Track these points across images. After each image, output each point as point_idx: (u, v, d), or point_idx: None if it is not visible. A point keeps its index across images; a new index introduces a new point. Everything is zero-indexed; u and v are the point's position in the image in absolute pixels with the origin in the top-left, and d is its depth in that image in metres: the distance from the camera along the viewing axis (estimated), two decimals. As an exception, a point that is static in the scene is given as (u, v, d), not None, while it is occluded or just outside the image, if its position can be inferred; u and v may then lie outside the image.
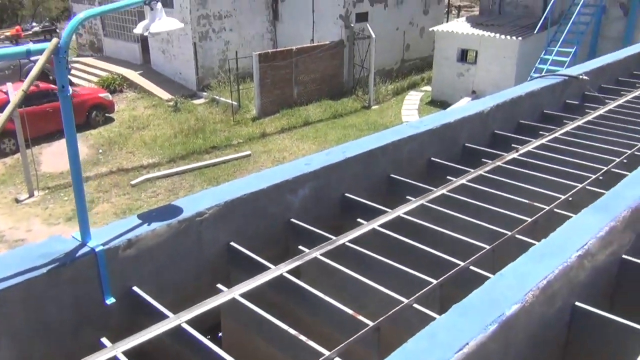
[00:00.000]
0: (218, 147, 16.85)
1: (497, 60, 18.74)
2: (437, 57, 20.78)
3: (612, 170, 4.80)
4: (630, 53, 8.57)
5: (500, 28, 19.17)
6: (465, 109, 5.67)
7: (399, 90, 22.15)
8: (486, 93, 18.20)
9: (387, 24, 23.00)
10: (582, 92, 7.11)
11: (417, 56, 24.78)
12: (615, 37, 18.23)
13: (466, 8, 32.49)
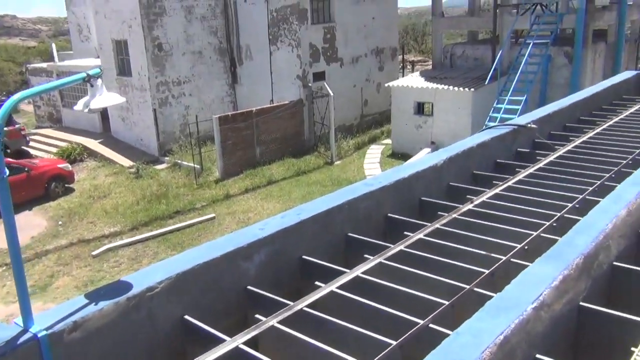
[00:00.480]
0: (182, 212, 16.65)
1: (453, 111, 19.26)
2: (394, 111, 21.26)
3: (565, 216, 4.87)
4: (575, 99, 8.90)
5: (453, 80, 19.80)
6: (419, 164, 5.74)
7: (360, 144, 22.47)
8: (445, 143, 18.61)
9: (344, 82, 23.56)
10: (532, 140, 7.31)
11: (376, 111, 25.32)
12: (562, 84, 19.00)
13: (420, 62, 33.59)
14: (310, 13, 22.03)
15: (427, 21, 39.64)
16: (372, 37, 25.02)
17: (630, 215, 4.39)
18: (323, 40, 22.82)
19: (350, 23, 23.77)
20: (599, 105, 9.38)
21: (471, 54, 22.03)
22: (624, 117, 8.48)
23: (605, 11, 19.93)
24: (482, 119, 17.77)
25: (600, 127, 7.92)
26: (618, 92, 10.18)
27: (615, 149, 6.76)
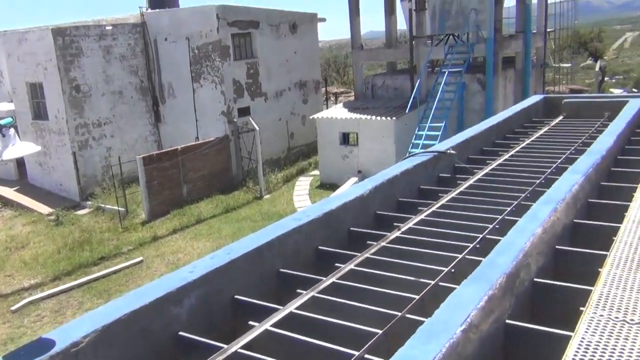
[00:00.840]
0: (107, 257, 16.04)
1: (377, 140, 19.75)
2: (321, 142, 21.56)
3: (486, 237, 5.06)
4: (490, 124, 9.35)
5: (376, 110, 20.37)
6: (346, 194, 5.82)
7: (289, 177, 22.58)
8: (371, 171, 19.00)
9: (269, 116, 23.73)
10: (452, 165, 7.59)
11: (303, 143, 25.58)
12: (477, 109, 19.95)
13: (343, 94, 34.34)
14: (232, 49, 22.16)
15: (347, 53, 40.71)
16: (295, 71, 25.42)
17: (545, 233, 4.62)
18: (246, 76, 22.96)
19: (272, 58, 24.08)
20: (512, 129, 9.88)
21: (391, 84, 22.78)
22: (535, 139, 8.97)
23: (512, 40, 21.20)
24: (405, 146, 18.32)
25: (514, 150, 8.34)
26: (528, 115, 10.78)
27: (529, 170, 7.12)
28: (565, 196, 5.24)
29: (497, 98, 20.11)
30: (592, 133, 8.69)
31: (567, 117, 10.47)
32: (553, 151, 7.97)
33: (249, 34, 23.19)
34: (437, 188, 6.84)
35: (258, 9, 23.97)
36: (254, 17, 23.25)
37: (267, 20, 23.92)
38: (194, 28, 22.02)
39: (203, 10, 21.91)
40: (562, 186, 5.54)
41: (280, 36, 24.62)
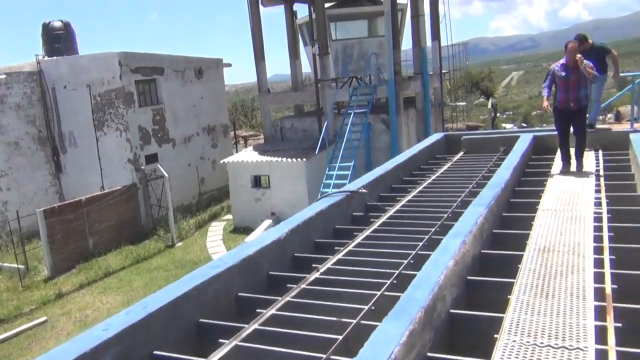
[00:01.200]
0: (7, 320, 14.88)
1: (289, 181, 19.90)
2: (232, 186, 21.40)
3: (402, 273, 5.21)
4: (397, 162, 9.72)
5: (286, 152, 20.58)
6: (263, 239, 5.81)
7: (201, 223, 22.16)
8: (284, 213, 19.09)
9: (178, 162, 23.35)
10: (364, 203, 7.79)
11: (214, 187, 25.29)
12: (384, 148, 20.66)
13: (252, 137, 34.45)
14: (136, 96, 21.74)
15: (254, 97, 41.06)
16: (203, 115, 25.30)
17: (457, 265, 4.83)
18: (153, 122, 22.55)
19: (179, 103, 23.85)
20: (417, 166, 10.32)
21: (299, 126, 23.16)
22: (440, 174, 9.42)
23: (411, 81, 22.30)
24: (317, 187, 18.59)
25: (421, 185, 8.70)
26: (432, 152, 11.32)
27: (437, 204, 7.45)
28: (472, 228, 5.52)
29: (401, 136, 20.95)
30: (490, 167, 9.26)
31: (467, 152, 11.10)
32: (457, 185, 8.40)
33: (153, 80, 22.88)
34: (351, 227, 6.98)
35: (162, 55, 23.76)
36: (157, 64, 23.01)
37: (171, 66, 23.74)
38: (95, 75, 21.44)
39: (104, 57, 21.42)
40: (468, 219, 5.84)
41: (186, 82, 24.49)
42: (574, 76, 8.31)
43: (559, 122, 8.73)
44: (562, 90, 8.45)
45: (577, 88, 8.39)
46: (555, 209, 6.69)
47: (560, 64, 8.50)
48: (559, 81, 8.46)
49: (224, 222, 22.21)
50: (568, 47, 8.42)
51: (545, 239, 5.60)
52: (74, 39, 25.14)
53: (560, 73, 8.44)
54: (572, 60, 8.30)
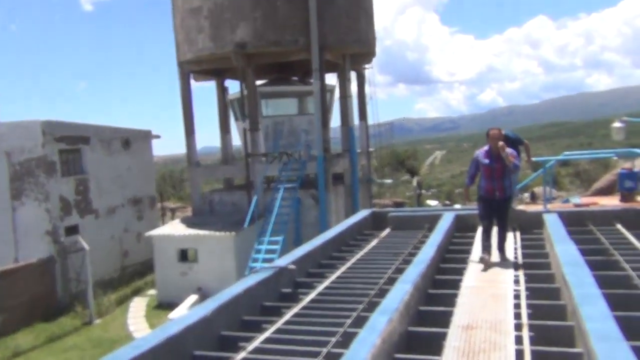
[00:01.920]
0: None
1: (217, 255, 19.55)
2: (157, 260, 20.76)
3: (331, 351, 5.18)
4: (326, 238, 9.82)
5: (215, 226, 20.32)
6: (187, 317, 5.65)
7: (123, 298, 21.18)
8: (211, 288, 18.60)
9: (101, 234, 22.54)
10: (293, 280, 7.77)
11: (138, 261, 24.43)
12: (313, 223, 20.82)
13: (180, 209, 33.82)
14: (59, 165, 21.08)
15: (183, 168, 40.69)
16: (129, 186, 24.76)
17: (384, 343, 4.87)
18: (75, 193, 21.83)
19: (104, 174, 23.30)
20: (346, 242, 10.46)
21: (229, 200, 23.05)
22: (367, 251, 9.58)
23: (340, 158, 22.91)
24: (246, 261, 18.35)
25: (349, 262, 8.79)
26: (359, 228, 11.53)
27: (364, 281, 7.53)
28: (398, 305, 5.61)
29: (331, 211, 21.24)
30: (416, 244, 9.52)
31: (393, 229, 11.39)
32: (384, 262, 8.55)
33: (78, 150, 22.34)
34: (279, 304, 6.91)
35: (88, 124, 23.37)
36: (83, 133, 22.57)
37: (98, 136, 23.33)
38: (15, 143, 20.70)
39: (26, 125, 20.80)
40: (395, 296, 5.94)
41: (113, 152, 24.06)
42: (498, 164, 8.05)
43: (484, 211, 8.38)
44: (487, 179, 8.17)
45: (502, 177, 8.13)
46: (477, 286, 6.93)
47: (484, 151, 8.23)
48: (483, 169, 8.18)
49: (148, 297, 21.34)
50: (490, 134, 8.16)
51: (468, 316, 5.77)
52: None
53: (484, 161, 8.16)
54: (495, 147, 8.05)
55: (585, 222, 10.34)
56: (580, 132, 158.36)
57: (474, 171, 8.43)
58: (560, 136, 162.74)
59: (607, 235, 9.33)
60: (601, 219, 10.41)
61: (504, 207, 8.38)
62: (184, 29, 21.68)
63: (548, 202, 12.24)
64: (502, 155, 8.00)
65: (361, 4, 22.37)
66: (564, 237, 8.31)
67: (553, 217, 10.00)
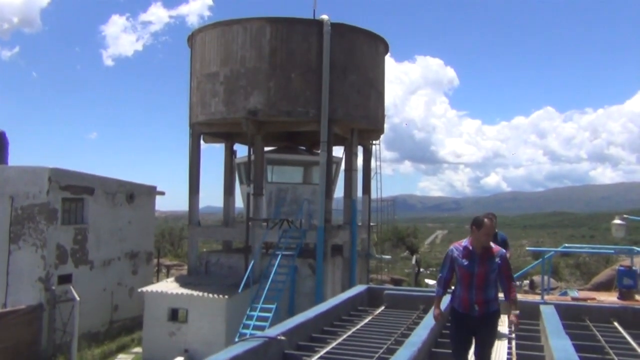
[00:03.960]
0: None
1: (207, 318, 19.22)
2: (147, 317, 20.40)
3: None
4: (319, 311, 9.72)
5: (208, 287, 20.10)
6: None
7: (107, 354, 20.70)
8: (199, 351, 18.19)
9: (93, 285, 22.32)
10: (282, 351, 7.64)
11: (127, 316, 24.01)
12: (308, 293, 20.58)
13: (175, 267, 33.60)
14: (60, 213, 21.16)
15: (183, 226, 40.66)
16: (127, 240, 24.70)
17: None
18: (73, 242, 21.79)
19: (104, 225, 23.32)
20: (339, 316, 10.33)
21: (225, 262, 22.90)
22: (360, 328, 9.46)
23: (340, 230, 22.91)
24: (237, 326, 18.02)
25: (341, 337, 8.67)
26: (354, 303, 11.41)
27: (354, 359, 7.41)
28: (386, 389, 5.50)
29: (327, 283, 21.03)
30: (409, 324, 9.40)
31: (388, 307, 11.27)
32: (376, 341, 8.42)
33: (81, 200, 22.47)
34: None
35: (94, 176, 23.59)
36: (89, 184, 22.77)
37: (103, 188, 23.52)
38: (20, 187, 20.88)
39: (34, 171, 21.05)
40: (384, 378, 5.83)
41: (116, 205, 24.18)
42: (482, 268, 6.03)
43: (457, 334, 6.45)
44: (464, 287, 6.14)
45: (485, 286, 6.08)
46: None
47: (463, 247, 6.18)
48: (460, 272, 6.15)
49: (132, 355, 20.83)
50: (484, 223, 6.03)
51: (456, 405, 5.63)
52: (6, 149, 24.71)
53: (461, 261, 6.12)
54: (482, 243, 6.08)
55: (582, 317, 10.23)
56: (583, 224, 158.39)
57: (449, 275, 6.34)
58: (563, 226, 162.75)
59: (603, 332, 9.21)
60: (598, 315, 10.31)
61: (486, 328, 6.20)
62: (199, 92, 22.27)
63: (546, 292, 12.15)
64: (491, 259, 6.04)
65: (373, 82, 23.02)
66: (560, 331, 8.22)
67: (550, 309, 9.91)
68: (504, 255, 6.18)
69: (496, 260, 6.08)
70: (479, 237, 6.06)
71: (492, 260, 6.06)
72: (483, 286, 6.07)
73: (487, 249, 6.10)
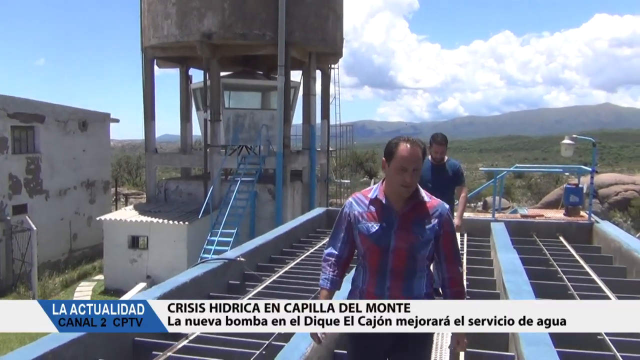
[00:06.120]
0: None
1: (168, 244, 19.34)
2: (107, 246, 20.39)
3: (273, 344, 5.25)
4: (278, 233, 9.89)
5: (168, 214, 20.09)
6: (132, 302, 5.64)
7: (69, 282, 20.72)
8: (161, 277, 18.37)
9: (50, 215, 22.00)
10: (242, 272, 7.81)
11: (87, 245, 23.94)
12: (269, 218, 20.82)
13: (134, 195, 33.31)
14: (11, 142, 20.48)
15: (141, 155, 40.02)
16: (83, 169, 24.22)
17: (325, 338, 4.97)
18: (26, 171, 21.25)
19: (57, 154, 22.73)
20: (297, 238, 10.55)
21: (185, 189, 22.82)
22: (318, 248, 9.69)
23: (299, 155, 22.97)
24: (198, 251, 18.22)
25: (299, 258, 8.89)
26: (312, 225, 11.64)
27: (312, 277, 7.63)
28: (342, 302, 5.72)
29: (287, 208, 21.27)
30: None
31: (346, 228, 11.52)
32: (333, 260, 8.66)
33: (32, 128, 21.74)
34: (226, 295, 6.95)
35: (44, 103, 22.75)
36: (39, 111, 21.96)
37: (53, 116, 22.74)
38: (-34, 116, 20.03)
39: (-20, 99, 20.15)
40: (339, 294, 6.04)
41: (69, 133, 23.50)
42: (402, 239, 3.15)
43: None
44: (370, 274, 3.26)
45: (409, 272, 3.20)
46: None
47: (369, 199, 3.27)
48: (364, 246, 3.25)
49: (94, 282, 20.94)
50: (396, 151, 3.09)
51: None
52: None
53: (366, 225, 3.24)
54: (401, 192, 3.15)
55: (530, 232, 10.71)
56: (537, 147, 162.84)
57: (344, 250, 3.43)
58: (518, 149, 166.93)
59: (549, 246, 9.70)
60: (545, 230, 10.81)
61: (412, 355, 3.28)
62: (151, 14, 21.33)
63: (497, 211, 12.60)
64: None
65: (331, 4, 22.45)
66: (508, 245, 8.60)
67: (500, 226, 10.33)
68: (445, 214, 3.19)
69: (432, 224, 3.15)
70: (392, 178, 3.12)
71: (422, 224, 3.14)
72: (404, 272, 3.15)
73: (415, 203, 3.17)
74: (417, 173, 3.10)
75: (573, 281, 7.44)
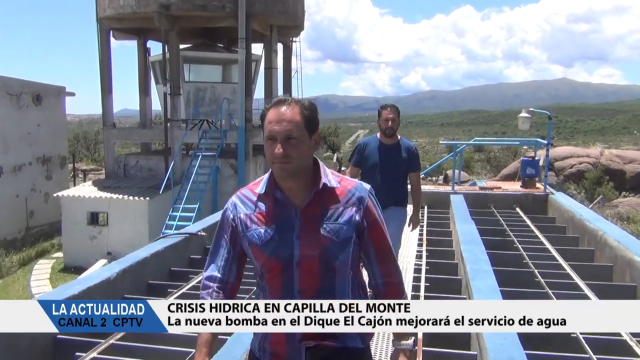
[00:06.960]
0: None
1: (129, 220, 19.07)
2: (65, 222, 19.99)
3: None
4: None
5: (128, 190, 19.78)
6: (90, 278, 5.58)
7: (26, 260, 20.27)
8: (122, 253, 18.04)
9: (5, 192, 21.41)
10: (203, 246, 7.79)
11: (45, 222, 23.39)
12: (231, 193, 20.45)
13: (92, 171, 32.63)
14: (-40, 117, 19.72)
15: (99, 129, 39.10)
16: (38, 144, 23.52)
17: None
18: (-23, 147, 20.52)
19: (10, 129, 21.99)
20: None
21: (145, 165, 22.45)
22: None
23: (261, 129, 22.77)
24: (159, 227, 18.02)
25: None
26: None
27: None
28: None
29: (249, 182, 21.08)
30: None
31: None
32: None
33: (-17, 102, 20.97)
34: (187, 270, 6.94)
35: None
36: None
37: (5, 89, 21.92)
38: None
39: None
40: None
41: (22, 107, 22.72)
42: (309, 245, 2.21)
43: None
44: (270, 295, 2.33)
45: (322, 289, 2.21)
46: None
47: (258, 195, 2.46)
48: (259, 260, 2.37)
49: (53, 260, 20.54)
50: (265, 117, 2.35)
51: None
52: None
53: (255, 232, 2.33)
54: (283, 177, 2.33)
55: (488, 204, 10.97)
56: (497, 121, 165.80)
57: (227, 270, 2.50)
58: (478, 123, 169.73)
59: (505, 217, 9.96)
60: (502, 202, 11.09)
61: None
62: (106, -17, 20.68)
63: (457, 184, 12.84)
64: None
65: (292, -25, 22.15)
66: (466, 217, 8.80)
67: (459, 198, 10.54)
68: (366, 197, 2.31)
69: (348, 215, 2.25)
70: (274, 166, 2.35)
71: (334, 218, 2.24)
72: (319, 292, 2.21)
73: (319, 191, 2.29)
74: (296, 143, 2.21)
75: (528, 250, 7.67)
